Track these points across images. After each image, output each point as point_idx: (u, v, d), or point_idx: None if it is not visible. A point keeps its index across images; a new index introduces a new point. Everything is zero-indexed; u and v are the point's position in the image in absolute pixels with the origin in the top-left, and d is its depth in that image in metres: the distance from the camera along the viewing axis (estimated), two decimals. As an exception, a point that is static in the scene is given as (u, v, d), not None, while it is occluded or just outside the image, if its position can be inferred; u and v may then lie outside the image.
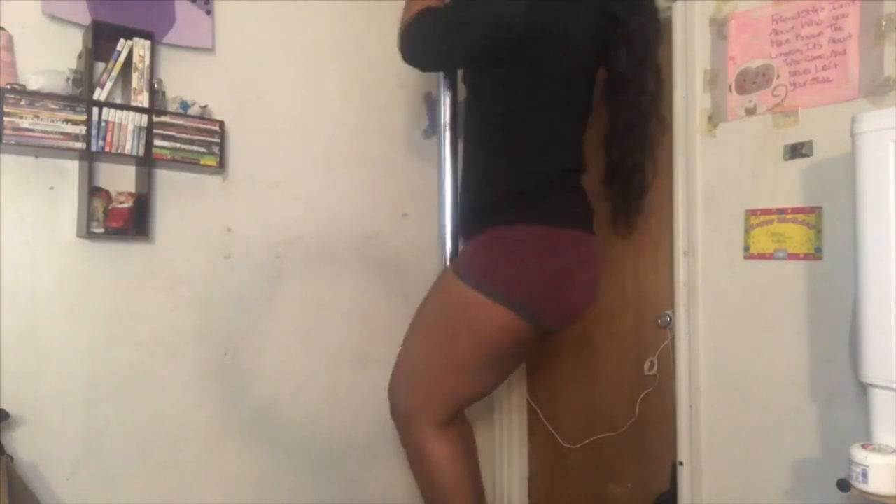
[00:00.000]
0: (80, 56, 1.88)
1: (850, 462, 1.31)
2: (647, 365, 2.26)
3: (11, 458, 1.70)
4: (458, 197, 1.93)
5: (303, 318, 2.31)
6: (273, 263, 2.26)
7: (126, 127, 1.85)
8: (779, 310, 1.86)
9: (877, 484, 1.26)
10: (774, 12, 1.89)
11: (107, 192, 1.92)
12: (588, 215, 1.75)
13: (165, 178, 2.04)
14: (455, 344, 1.67)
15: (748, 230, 1.93)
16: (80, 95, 1.82)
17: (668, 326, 2.18)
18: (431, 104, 2.57)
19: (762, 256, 1.90)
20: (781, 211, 1.86)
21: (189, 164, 1.98)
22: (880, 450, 1.30)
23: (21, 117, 1.70)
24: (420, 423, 1.70)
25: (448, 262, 1.93)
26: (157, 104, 1.93)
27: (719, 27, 2.02)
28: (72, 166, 1.89)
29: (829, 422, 1.75)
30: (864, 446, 1.31)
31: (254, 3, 2.23)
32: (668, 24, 2.14)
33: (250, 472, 2.19)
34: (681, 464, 2.07)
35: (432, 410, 1.70)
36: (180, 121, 1.95)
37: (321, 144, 2.37)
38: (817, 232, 1.78)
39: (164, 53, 2.02)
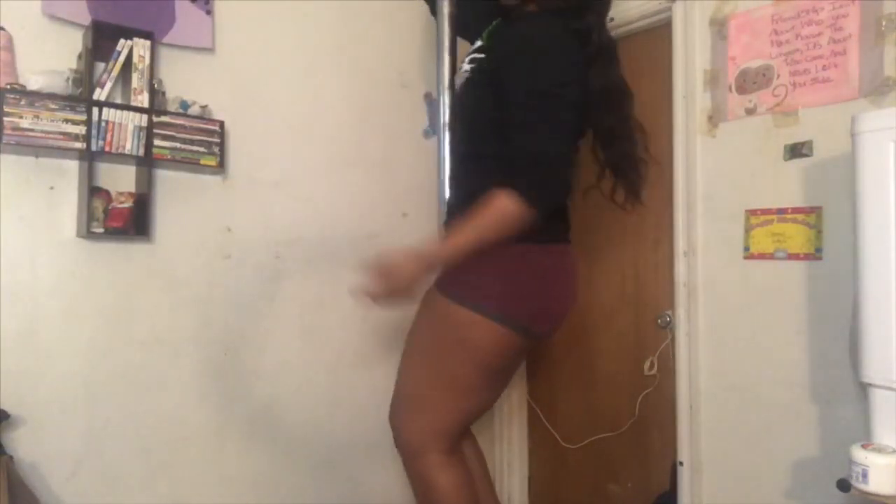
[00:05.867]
0: (80, 56, 1.88)
1: (850, 462, 1.31)
2: (647, 365, 2.26)
3: (11, 458, 1.70)
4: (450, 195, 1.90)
5: (303, 318, 2.31)
6: (273, 263, 2.25)
7: (126, 127, 1.85)
8: (779, 310, 1.86)
9: (877, 484, 1.26)
10: (774, 12, 1.89)
11: (107, 192, 1.92)
12: (566, 227, 1.72)
13: (165, 178, 2.04)
14: (452, 366, 1.64)
15: (748, 230, 1.93)
16: (80, 95, 1.82)
17: (668, 326, 2.18)
18: (431, 104, 2.57)
19: (762, 256, 1.90)
20: (781, 211, 1.86)
21: (189, 164, 1.98)
22: (880, 450, 1.30)
23: (21, 117, 1.70)
24: (426, 451, 1.67)
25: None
26: (157, 104, 1.93)
27: (719, 27, 2.02)
28: (72, 166, 1.89)
29: (829, 422, 1.75)
30: (864, 446, 1.31)
31: (254, 3, 2.23)
32: (668, 24, 2.14)
33: (250, 471, 2.19)
34: (681, 464, 2.07)
35: (437, 438, 1.67)
36: (180, 121, 1.95)
37: (321, 144, 2.36)
38: (817, 232, 1.78)
39: (164, 53, 2.02)
